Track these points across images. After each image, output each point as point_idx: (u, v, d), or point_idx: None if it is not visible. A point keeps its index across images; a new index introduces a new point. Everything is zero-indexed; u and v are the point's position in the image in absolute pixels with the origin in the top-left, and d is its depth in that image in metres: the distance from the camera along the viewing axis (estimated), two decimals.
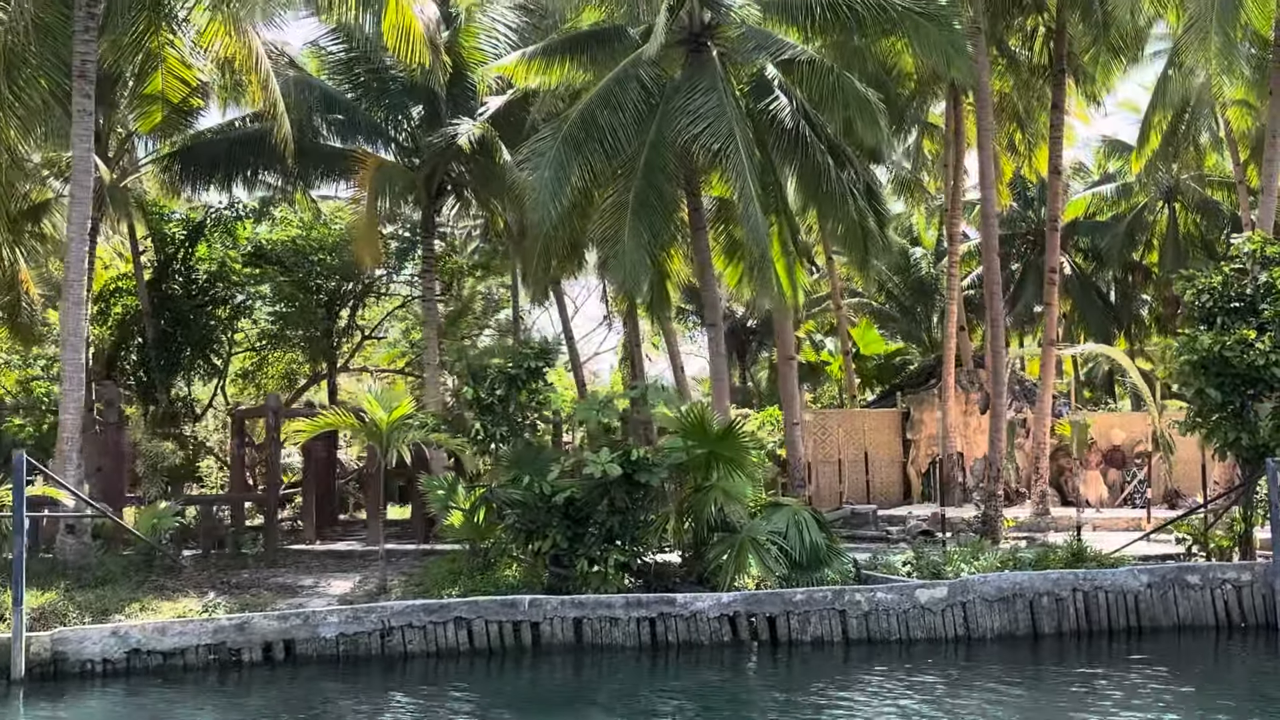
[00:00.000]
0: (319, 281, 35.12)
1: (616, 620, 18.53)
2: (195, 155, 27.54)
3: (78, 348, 20.36)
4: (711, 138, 21.15)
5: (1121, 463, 38.26)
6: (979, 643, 19.20)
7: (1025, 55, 33.88)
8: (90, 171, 20.21)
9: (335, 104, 27.49)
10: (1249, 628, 20.18)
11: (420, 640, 17.91)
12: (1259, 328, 21.12)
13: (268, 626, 17.30)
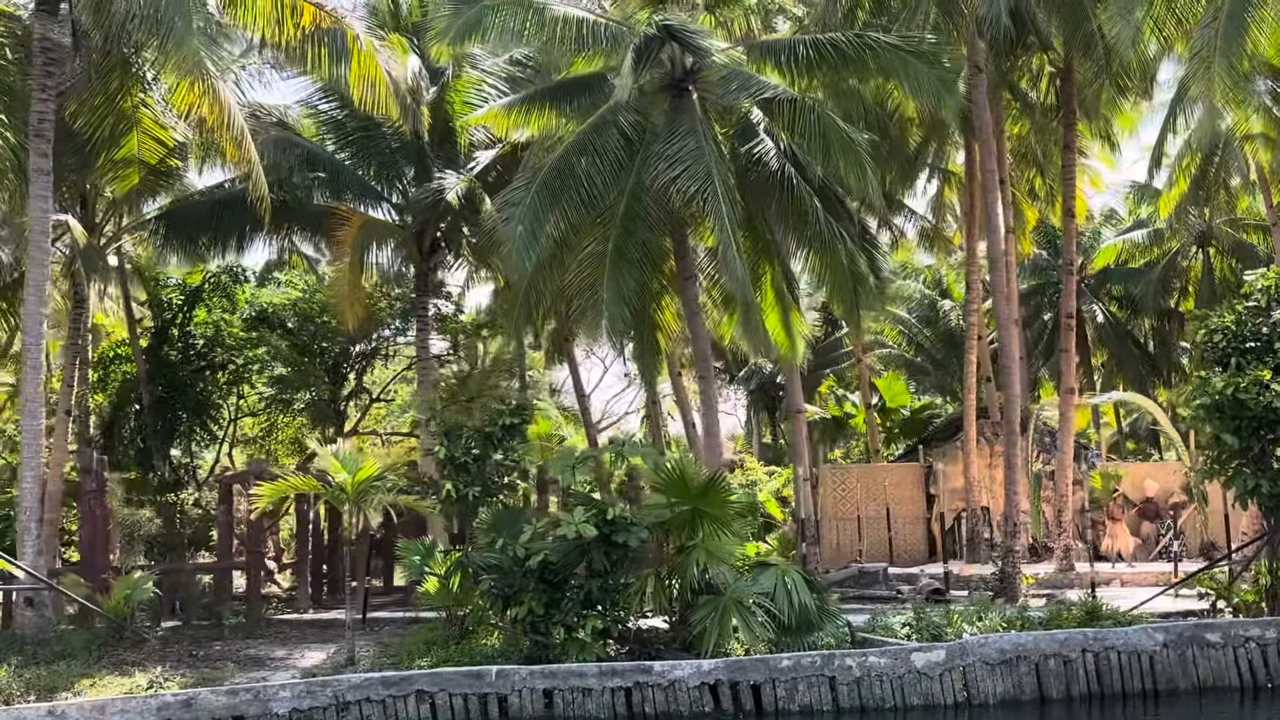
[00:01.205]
0: (323, 345, 34.51)
1: (590, 690, 17.41)
2: (180, 218, 27.09)
3: (36, 415, 19.76)
4: (689, 180, 20.32)
5: (1155, 515, 36.78)
6: (980, 709, 17.96)
7: (1036, 97, 32.91)
8: (48, 234, 19.72)
9: (319, 162, 26.97)
10: (1277, 689, 18.79)
11: (379, 715, 16.85)
12: (1275, 368, 19.91)
13: (216, 702, 16.33)
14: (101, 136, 22.64)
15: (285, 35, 20.63)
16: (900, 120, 29.98)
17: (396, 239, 27.66)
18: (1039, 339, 53.59)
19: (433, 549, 20.82)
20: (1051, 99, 30.93)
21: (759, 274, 24.15)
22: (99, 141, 22.78)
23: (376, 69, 20.95)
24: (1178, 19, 24.21)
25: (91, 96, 22.07)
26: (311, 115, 29.15)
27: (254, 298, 34.13)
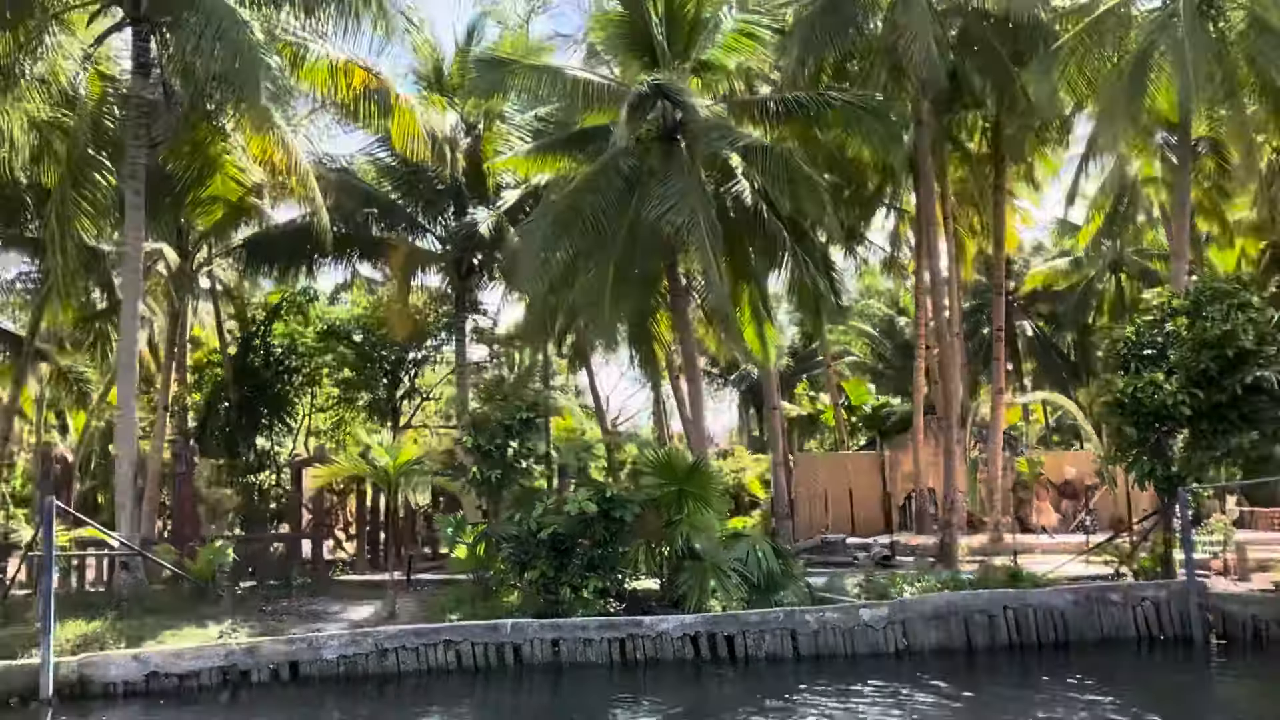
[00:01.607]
0: (382, 353, 34.21)
1: (590, 640, 17.15)
2: (259, 247, 26.88)
3: (129, 411, 19.53)
4: (676, 214, 20.00)
5: (1074, 494, 36.26)
6: (917, 657, 17.66)
7: (972, 147, 32.43)
8: (139, 258, 19.53)
9: (375, 200, 26.77)
10: (1167, 640, 18.43)
11: (413, 660, 16.61)
12: (1167, 372, 19.50)
13: (275, 650, 16.11)
14: (190, 178, 22.41)
15: (341, 94, 20.47)
16: (859, 165, 29.46)
17: (438, 264, 27.40)
18: (979, 349, 52.91)
19: (463, 522, 20.58)
20: (985, 148, 30.43)
21: (739, 293, 23.81)
22: (188, 182, 22.53)
23: (414, 122, 20.75)
24: (1088, 79, 23.78)
25: (181, 144, 21.82)
26: (371, 162, 28.83)
27: (324, 314, 33.85)
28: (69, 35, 19.45)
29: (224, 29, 16.69)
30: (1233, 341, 18.92)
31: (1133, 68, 22.53)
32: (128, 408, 19.39)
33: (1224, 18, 23.66)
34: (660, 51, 21.81)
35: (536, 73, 21.25)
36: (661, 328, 25.93)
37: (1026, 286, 54.73)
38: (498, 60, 22.17)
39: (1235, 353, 18.96)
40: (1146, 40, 22.65)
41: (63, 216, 19.05)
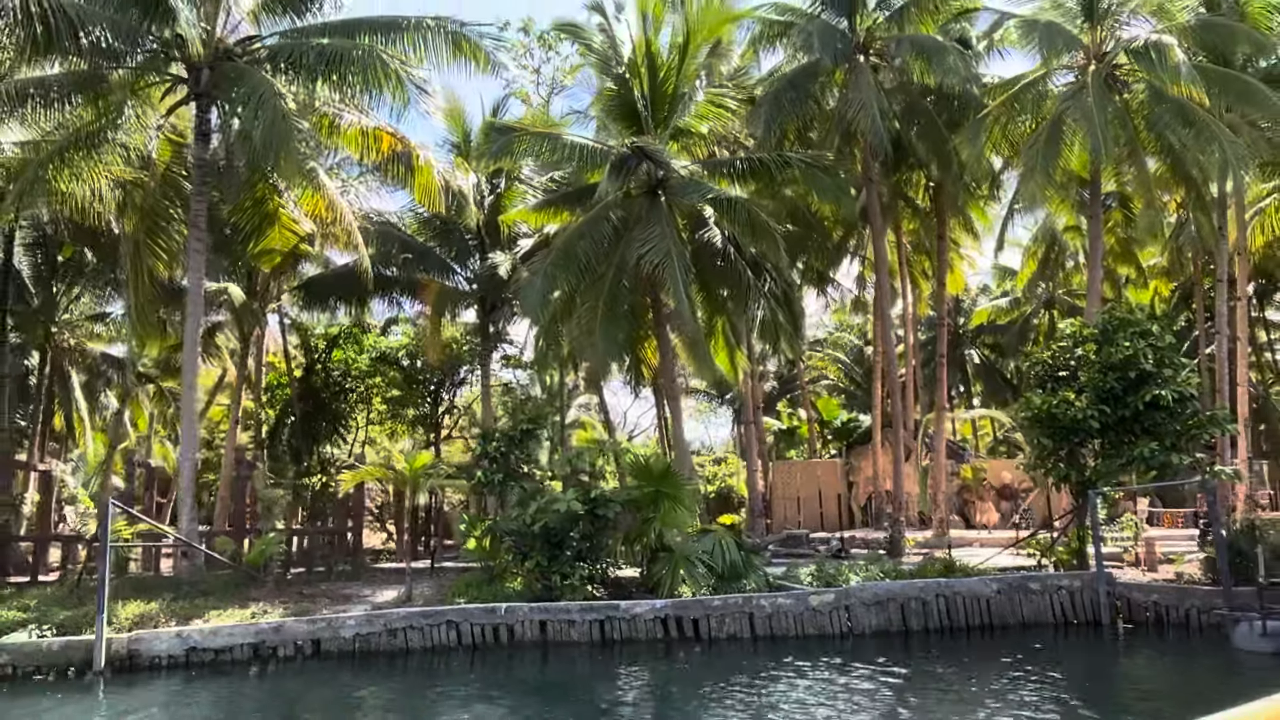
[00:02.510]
0: (425, 375, 33.62)
1: (574, 622, 16.40)
2: (316, 286, 26.39)
3: (192, 423, 19.02)
4: (654, 255, 19.38)
5: (1011, 496, 35.12)
6: (859, 638, 16.86)
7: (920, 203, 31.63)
8: (200, 295, 18.96)
9: (412, 247, 26.19)
10: (1080, 624, 17.59)
11: (420, 638, 15.92)
12: (1079, 390, 18.59)
13: (299, 629, 15.40)
14: (250, 229, 21.96)
15: (372, 156, 19.98)
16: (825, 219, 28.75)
17: (467, 301, 26.77)
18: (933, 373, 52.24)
19: (476, 519, 19.79)
20: (929, 204, 29.62)
21: (713, 324, 23.11)
22: (249, 233, 22.05)
23: (433, 179, 20.18)
24: (1011, 143, 23.05)
25: (243, 201, 21.46)
26: (414, 216, 28.34)
27: (376, 343, 33.28)
28: (145, 107, 19.01)
29: (263, 99, 16.25)
30: (1134, 364, 18.10)
31: (1048, 132, 21.76)
32: (190, 423, 18.84)
33: (1127, 89, 22.84)
34: (644, 120, 21.22)
35: (539, 138, 20.70)
36: (648, 353, 25.21)
37: (974, 321, 54.26)
38: (507, 127, 21.63)
39: (1137, 374, 18.15)
40: (1060, 109, 21.90)
41: (137, 259, 18.61)
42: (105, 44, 16.70)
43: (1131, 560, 20.74)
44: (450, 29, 18.27)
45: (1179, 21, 22.74)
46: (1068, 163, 23.22)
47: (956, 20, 24.36)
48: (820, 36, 22.53)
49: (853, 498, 36.50)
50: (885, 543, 25.08)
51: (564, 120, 26.68)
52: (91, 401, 37.20)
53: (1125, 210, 29.90)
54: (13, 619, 15.27)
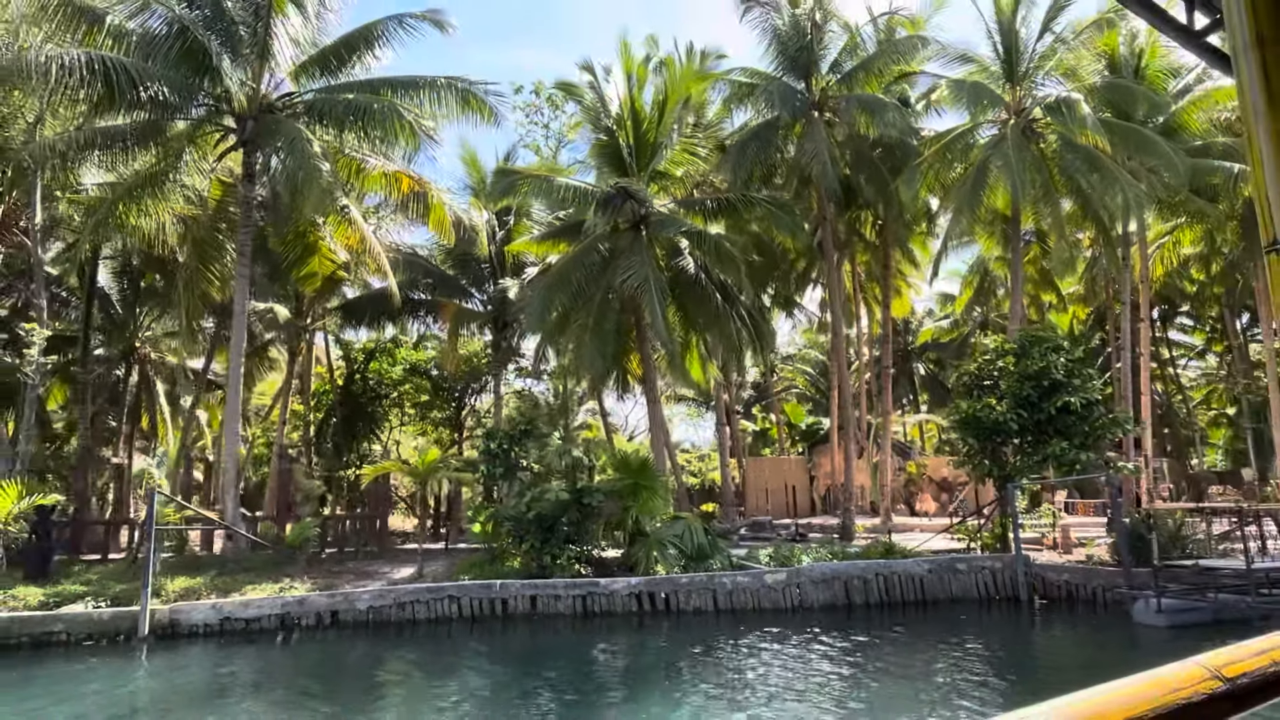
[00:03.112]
0: (449, 384, 33.14)
1: (559, 596, 15.89)
2: (352, 307, 26.00)
3: (235, 422, 18.58)
4: (634, 280, 18.99)
5: (949, 488, 34.49)
6: (809, 611, 16.29)
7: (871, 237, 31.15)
8: (244, 314, 18.54)
9: (433, 273, 25.78)
10: (1001, 600, 17.01)
11: (425, 611, 15.45)
12: (999, 397, 18.10)
13: (320, 601, 14.94)
14: (294, 258, 21.62)
15: (394, 195, 19.60)
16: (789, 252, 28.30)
17: (482, 321, 26.31)
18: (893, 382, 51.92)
19: (482, 506, 19.33)
20: (876, 238, 29.17)
21: (689, 340, 22.66)
22: (293, 261, 21.70)
23: (445, 215, 19.79)
24: (943, 186, 22.61)
25: (286, 234, 21.14)
26: (437, 247, 27.94)
27: (409, 356, 32.82)
28: (201, 153, 18.70)
29: (295, 145, 15.96)
30: (1048, 375, 17.63)
31: (974, 177, 21.35)
32: (233, 424, 18.44)
33: (1042, 140, 22.42)
34: (629, 165, 20.87)
35: (537, 180, 20.32)
36: (633, 364, 24.73)
37: (920, 339, 53.89)
38: (510, 171, 21.27)
39: (1050, 383, 17.67)
40: (984, 156, 21.48)
41: (190, 283, 18.26)
42: (162, 98, 16.38)
43: (1050, 544, 20.20)
44: (460, 86, 17.96)
45: (1087, 82, 22.35)
46: (993, 203, 22.80)
47: (897, 82, 23.97)
48: (780, 95, 22.15)
49: (814, 489, 35.94)
50: (838, 528, 24.53)
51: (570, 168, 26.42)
52: (173, 405, 36.93)
53: (1043, 245, 29.44)
54: (75, 592, 14.85)
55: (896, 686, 11.24)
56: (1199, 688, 1.06)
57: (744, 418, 56.26)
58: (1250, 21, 1.83)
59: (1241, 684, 1.10)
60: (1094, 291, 39.24)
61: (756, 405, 54.87)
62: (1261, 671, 1.13)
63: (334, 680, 11.76)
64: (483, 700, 10.67)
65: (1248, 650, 1.16)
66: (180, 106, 17.29)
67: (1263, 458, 39.00)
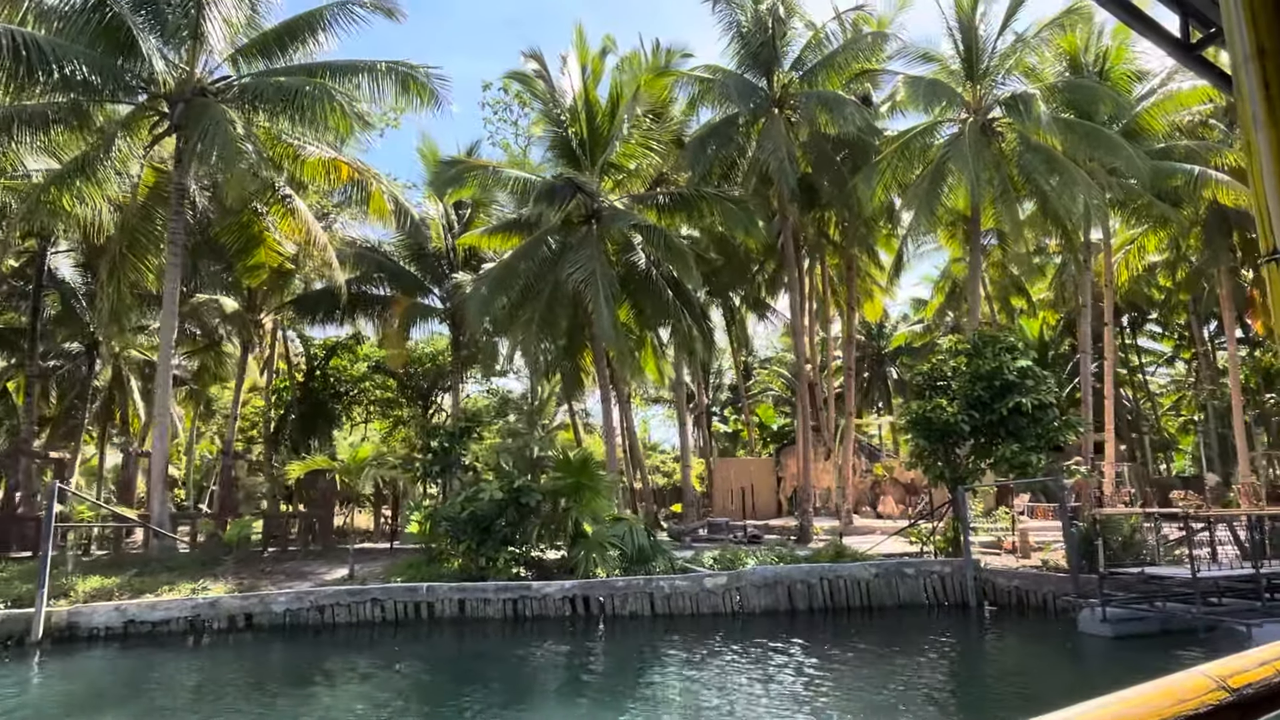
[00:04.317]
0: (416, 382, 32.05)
1: (489, 600, 14.97)
2: (303, 301, 24.91)
3: (164, 419, 17.52)
4: (580, 274, 18.09)
5: (914, 491, 33.67)
6: (749, 616, 15.42)
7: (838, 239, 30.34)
8: (175, 304, 17.54)
9: (385, 268, 24.75)
10: (950, 606, 16.17)
11: (346, 614, 14.48)
12: (951, 399, 17.30)
13: (233, 604, 13.96)
14: (237, 249, 20.60)
15: (333, 183, 18.66)
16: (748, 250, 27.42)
17: (434, 316, 25.31)
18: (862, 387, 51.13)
19: (419, 504, 18.36)
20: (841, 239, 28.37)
21: (643, 337, 21.82)
22: (237, 251, 20.69)
23: (384, 204, 18.91)
24: (901, 186, 21.81)
25: (230, 225, 20.07)
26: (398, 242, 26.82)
27: (371, 353, 31.74)
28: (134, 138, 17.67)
29: (216, 127, 15.00)
30: (1000, 375, 16.84)
31: (931, 175, 20.61)
32: (162, 419, 17.42)
33: (1002, 138, 21.69)
34: (581, 158, 19.99)
35: (482, 170, 19.45)
36: (586, 361, 23.83)
37: (893, 344, 53.12)
38: (455, 161, 20.35)
39: (1002, 384, 16.89)
40: (942, 154, 20.72)
41: (115, 273, 17.26)
42: (81, 77, 15.40)
43: (1009, 548, 19.42)
44: (401, 70, 17.05)
45: (1048, 82, 21.65)
46: (955, 204, 22.07)
47: (858, 80, 23.16)
48: (737, 89, 21.35)
49: (781, 491, 35.11)
50: (796, 530, 23.70)
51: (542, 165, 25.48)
52: (148, 401, 35.84)
53: (1005, 247, 28.75)
54: None
55: (825, 700, 10.38)
56: (1205, 699, 1.07)
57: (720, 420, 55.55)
58: (1251, 34, 1.85)
59: (1247, 694, 1.11)
60: (1063, 297, 38.69)
61: (729, 408, 54.07)
62: (1267, 681, 1.14)
63: (226, 688, 10.80)
64: (366, 711, 9.74)
65: (1253, 660, 1.18)
66: (104, 88, 16.30)
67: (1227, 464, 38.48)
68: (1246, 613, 11.96)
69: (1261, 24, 1.84)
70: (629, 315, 20.60)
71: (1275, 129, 1.78)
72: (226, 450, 22.16)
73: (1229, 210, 24.41)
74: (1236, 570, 12.40)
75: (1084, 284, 24.29)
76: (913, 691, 10.70)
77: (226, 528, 19.75)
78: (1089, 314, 24.31)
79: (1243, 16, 1.86)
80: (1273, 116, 1.77)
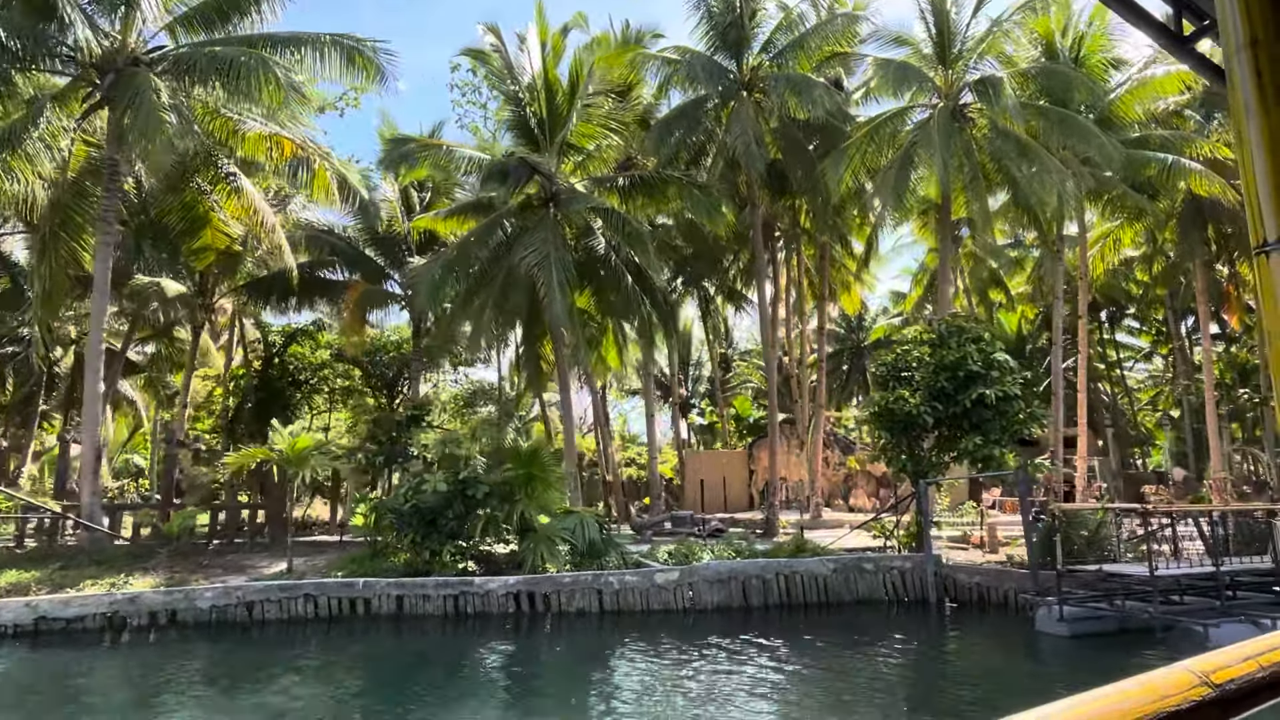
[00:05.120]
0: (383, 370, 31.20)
1: (429, 596, 14.37)
2: (255, 286, 24.08)
3: (94, 403, 16.71)
4: (534, 258, 17.43)
5: (887, 484, 33.31)
6: (702, 613, 14.90)
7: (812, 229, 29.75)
8: (106, 284, 16.73)
9: (340, 251, 23.97)
10: (910, 602, 15.71)
11: (276, 611, 13.82)
12: (914, 390, 16.81)
13: (155, 599, 13.29)
14: (182, 230, 19.79)
15: (275, 161, 17.89)
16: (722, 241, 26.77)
17: (397, 302, 24.54)
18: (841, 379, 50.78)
19: (365, 496, 17.71)
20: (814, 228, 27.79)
21: (605, 325, 21.19)
22: (181, 233, 19.88)
23: (329, 181, 18.12)
24: (869, 170, 21.27)
25: (172, 205, 19.25)
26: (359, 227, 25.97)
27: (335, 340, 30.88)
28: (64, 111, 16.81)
29: (140, 95, 14.25)
30: (964, 366, 16.37)
31: (900, 160, 20.09)
32: (92, 406, 16.65)
33: (973, 124, 21.19)
34: (540, 138, 19.31)
35: (432, 148, 18.78)
36: (546, 350, 23.14)
37: (872, 336, 52.72)
38: (405, 138, 19.67)
39: (966, 374, 16.43)
40: (910, 138, 20.20)
41: (46, 251, 16.45)
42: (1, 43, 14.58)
43: (977, 543, 19.02)
44: (347, 44, 16.33)
45: (1022, 67, 21.17)
46: (926, 190, 21.58)
47: (830, 63, 22.57)
48: (704, 70, 20.74)
49: (753, 483, 34.67)
50: (762, 523, 23.23)
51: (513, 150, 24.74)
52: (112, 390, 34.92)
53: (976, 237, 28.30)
54: None
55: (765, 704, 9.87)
56: (1188, 694, 1.08)
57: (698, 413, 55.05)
58: (1244, 23, 1.89)
59: (1230, 690, 1.12)
60: (1041, 291, 38.43)
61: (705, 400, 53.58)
62: (1249, 677, 1.15)
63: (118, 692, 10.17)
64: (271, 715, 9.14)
65: (1236, 655, 1.18)
66: (28, 56, 15.47)
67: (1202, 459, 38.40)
68: (1205, 612, 11.56)
69: (1255, 14, 1.87)
70: (590, 302, 20.01)
71: (1267, 118, 1.81)
72: (170, 439, 21.40)
73: (1204, 202, 24.08)
74: (1196, 568, 11.99)
75: (1056, 274, 23.92)
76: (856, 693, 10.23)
77: (167, 518, 19.07)
78: (1060, 305, 23.94)
79: (1236, 6, 1.89)
80: (1264, 105, 1.81)
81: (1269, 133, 1.79)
